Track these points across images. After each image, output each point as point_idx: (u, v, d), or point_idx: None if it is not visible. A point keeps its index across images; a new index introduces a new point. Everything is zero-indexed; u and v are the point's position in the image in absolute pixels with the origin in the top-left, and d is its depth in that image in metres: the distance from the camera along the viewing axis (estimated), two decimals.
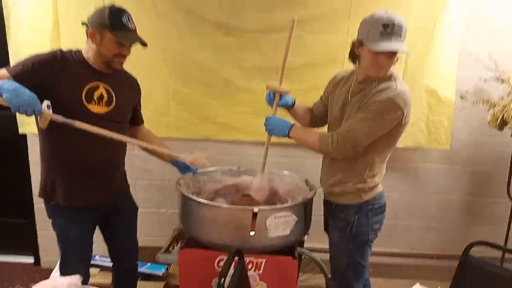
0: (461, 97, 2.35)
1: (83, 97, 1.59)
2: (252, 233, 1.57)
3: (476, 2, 2.31)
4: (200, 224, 1.67)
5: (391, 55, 1.50)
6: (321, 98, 1.88)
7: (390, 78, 1.57)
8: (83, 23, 1.61)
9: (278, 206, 1.69)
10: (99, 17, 1.56)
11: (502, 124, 2.16)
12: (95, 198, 1.69)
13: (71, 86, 1.57)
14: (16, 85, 1.38)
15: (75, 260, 1.72)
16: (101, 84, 1.63)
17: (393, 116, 1.50)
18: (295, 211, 1.64)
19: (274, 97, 1.74)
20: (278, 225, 1.60)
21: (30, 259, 2.81)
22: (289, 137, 1.66)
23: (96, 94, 1.62)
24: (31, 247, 2.76)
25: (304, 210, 1.71)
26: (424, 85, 2.37)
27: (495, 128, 2.20)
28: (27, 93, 1.38)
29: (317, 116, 1.88)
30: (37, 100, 1.40)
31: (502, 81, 2.24)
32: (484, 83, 2.31)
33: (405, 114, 1.52)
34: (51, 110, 1.45)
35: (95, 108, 1.61)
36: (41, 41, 2.33)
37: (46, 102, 1.44)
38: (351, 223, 1.65)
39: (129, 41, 1.60)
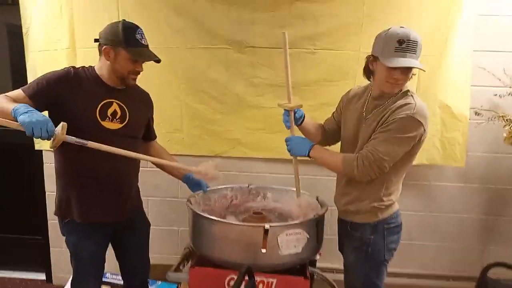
0: (476, 113, 2.31)
1: (97, 114, 1.60)
2: (263, 250, 1.54)
3: (490, 11, 2.29)
4: (211, 242, 1.65)
5: (406, 71, 1.49)
6: (333, 114, 1.87)
7: (406, 94, 1.55)
8: (95, 40, 1.64)
9: (289, 223, 1.67)
10: (113, 34, 1.58)
11: None
12: (109, 214, 1.69)
13: (85, 103, 1.59)
14: (30, 108, 1.40)
15: (87, 278, 1.73)
16: (114, 100, 1.65)
17: (415, 134, 1.48)
18: (306, 228, 1.61)
19: (288, 115, 1.73)
20: (290, 242, 1.57)
21: (42, 276, 2.82)
22: (309, 156, 1.63)
23: (109, 111, 1.63)
24: (44, 264, 2.77)
25: (316, 227, 1.68)
26: (438, 100, 2.34)
27: (510, 145, 2.15)
28: (40, 117, 1.38)
29: (328, 133, 1.86)
30: (51, 123, 1.39)
31: None
32: (500, 98, 2.27)
33: (426, 131, 1.50)
34: (65, 131, 1.44)
35: (109, 125, 1.63)
36: (58, 59, 2.39)
37: (61, 125, 1.43)
38: (367, 242, 1.61)
39: (144, 58, 1.62)
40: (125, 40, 1.56)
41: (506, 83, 2.25)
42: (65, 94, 1.56)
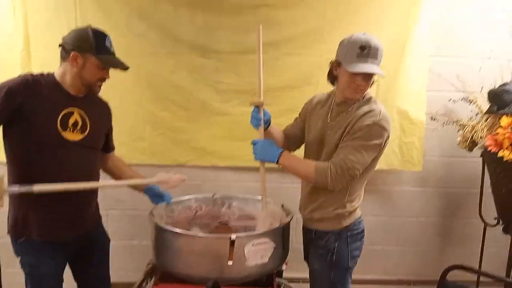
0: (431, 118, 2.40)
1: (58, 124, 1.52)
2: (230, 262, 1.51)
3: (445, 21, 2.39)
4: (175, 256, 1.60)
5: (368, 77, 1.52)
6: (296, 120, 1.87)
7: (369, 100, 1.58)
8: (60, 45, 1.56)
9: (256, 232, 1.64)
10: (82, 40, 1.51)
11: (472, 145, 2.22)
12: (69, 230, 1.61)
13: (45, 112, 1.51)
14: None
15: None
16: (75, 110, 1.58)
17: (381, 140, 1.52)
18: (273, 237, 1.60)
19: (258, 113, 1.66)
20: (257, 252, 1.55)
21: None
22: (277, 163, 1.60)
23: (71, 121, 1.56)
24: None
25: (282, 235, 1.67)
26: (396, 106, 2.41)
27: (465, 149, 2.25)
28: None
29: (290, 140, 1.85)
30: None
31: (470, 101, 2.30)
32: (453, 103, 2.37)
33: (389, 137, 1.55)
34: (5, 184, 1.35)
35: (69, 136, 1.55)
36: (11, 62, 2.27)
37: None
38: (332, 250, 1.62)
39: (115, 66, 1.58)
40: (96, 47, 1.51)
41: (459, 89, 2.35)
42: (25, 104, 1.46)
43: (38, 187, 1.42)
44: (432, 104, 2.42)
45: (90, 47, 1.51)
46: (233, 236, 1.51)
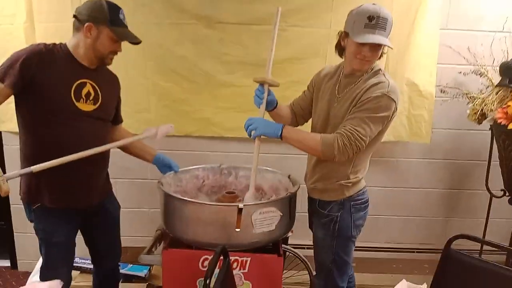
0: (441, 91, 2.37)
1: (72, 94, 1.54)
2: (237, 229, 1.54)
3: None
4: (184, 223, 1.63)
5: (375, 48, 1.49)
6: (304, 93, 1.84)
7: (378, 72, 1.56)
8: (74, 16, 1.54)
9: (263, 201, 1.66)
10: (97, 11, 1.51)
11: (481, 117, 2.19)
12: (81, 199, 1.65)
13: (59, 82, 1.52)
14: None
15: (59, 264, 1.67)
16: (88, 81, 1.59)
17: (389, 112, 1.50)
18: (279, 206, 1.62)
19: (263, 93, 1.63)
20: (264, 220, 1.58)
21: (6, 262, 2.71)
22: (281, 138, 1.55)
23: (84, 91, 1.57)
24: (8, 250, 2.67)
25: (289, 205, 1.69)
26: (405, 78, 2.38)
27: (474, 121, 2.23)
28: None
29: (298, 114, 1.83)
30: None
31: (481, 74, 2.26)
32: (464, 76, 2.33)
33: (397, 109, 1.53)
34: (1, 175, 1.36)
35: (83, 106, 1.57)
36: (14, 33, 2.26)
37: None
38: (335, 219, 1.64)
39: (128, 38, 1.58)
40: (110, 19, 1.51)
41: (470, 61, 2.31)
42: (39, 74, 1.47)
43: (37, 167, 1.44)
44: (442, 77, 2.40)
45: (104, 19, 1.51)
46: (241, 205, 1.54)
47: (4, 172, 1.39)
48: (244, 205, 1.54)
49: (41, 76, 1.47)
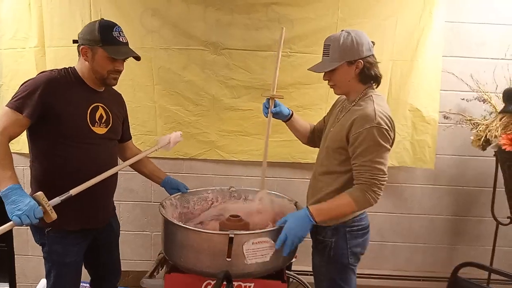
0: (444, 117, 2.39)
1: (88, 120, 1.57)
2: (228, 259, 1.48)
3: (458, 19, 2.38)
4: (179, 249, 1.58)
5: (324, 75, 1.59)
6: (324, 119, 1.88)
7: (367, 99, 1.54)
8: (74, 41, 1.58)
9: (255, 231, 1.57)
10: (89, 33, 1.54)
11: (485, 143, 2.19)
12: (97, 218, 1.67)
13: (76, 110, 1.55)
14: (15, 194, 1.31)
15: (67, 285, 1.65)
16: (99, 104, 1.62)
17: (388, 136, 1.49)
18: (274, 237, 1.51)
19: (268, 104, 1.78)
20: (256, 251, 1.51)
21: (5, 286, 2.67)
22: (316, 222, 1.50)
23: (97, 116, 1.61)
24: (7, 273, 2.62)
25: None
26: (409, 104, 2.40)
27: (478, 148, 2.23)
28: (26, 204, 1.29)
29: (315, 134, 1.88)
30: (38, 208, 1.31)
31: (484, 100, 2.28)
32: (467, 102, 2.36)
33: (394, 127, 1.54)
34: (47, 204, 1.36)
35: (98, 130, 1.61)
36: (26, 57, 2.33)
37: (42, 201, 1.34)
38: (329, 245, 1.60)
39: (121, 55, 1.57)
40: (101, 38, 1.52)
41: (473, 88, 2.33)
42: (57, 102, 1.50)
43: (75, 190, 1.44)
44: (445, 103, 2.42)
45: (96, 39, 1.53)
46: (231, 234, 1.47)
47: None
48: (235, 234, 1.47)
49: (59, 105, 1.50)
